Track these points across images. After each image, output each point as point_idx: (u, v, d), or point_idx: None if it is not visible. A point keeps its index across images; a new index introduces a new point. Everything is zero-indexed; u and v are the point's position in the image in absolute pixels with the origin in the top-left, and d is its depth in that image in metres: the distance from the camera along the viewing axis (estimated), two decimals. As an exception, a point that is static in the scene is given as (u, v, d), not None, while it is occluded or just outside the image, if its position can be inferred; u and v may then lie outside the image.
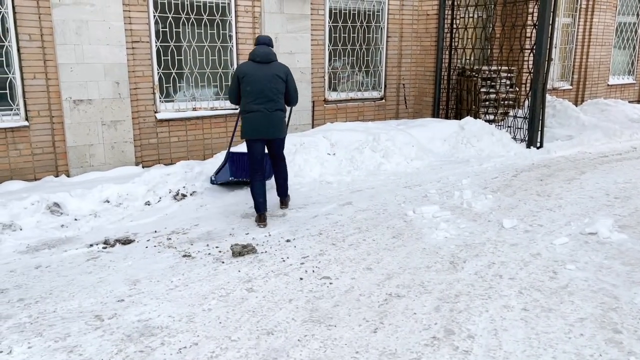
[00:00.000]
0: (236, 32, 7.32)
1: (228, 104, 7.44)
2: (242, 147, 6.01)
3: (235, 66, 7.37)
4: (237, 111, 7.23)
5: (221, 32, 7.27)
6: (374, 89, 9.17)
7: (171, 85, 7.09)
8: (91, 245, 4.45)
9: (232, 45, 7.35)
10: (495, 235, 4.68)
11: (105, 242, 4.49)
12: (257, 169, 5.03)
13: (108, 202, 5.29)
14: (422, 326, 3.17)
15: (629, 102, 11.72)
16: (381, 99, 9.19)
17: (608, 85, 12.10)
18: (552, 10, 7.73)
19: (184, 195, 5.63)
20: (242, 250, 4.19)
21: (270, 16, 7.37)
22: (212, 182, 5.81)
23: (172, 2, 6.86)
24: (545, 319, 3.24)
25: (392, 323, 3.20)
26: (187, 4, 6.97)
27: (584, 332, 3.10)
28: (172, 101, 7.13)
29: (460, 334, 3.08)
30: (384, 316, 3.28)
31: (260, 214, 4.97)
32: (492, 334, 3.07)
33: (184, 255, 4.23)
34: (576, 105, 10.89)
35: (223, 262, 4.09)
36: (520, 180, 6.51)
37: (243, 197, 5.73)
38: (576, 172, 6.95)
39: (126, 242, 4.51)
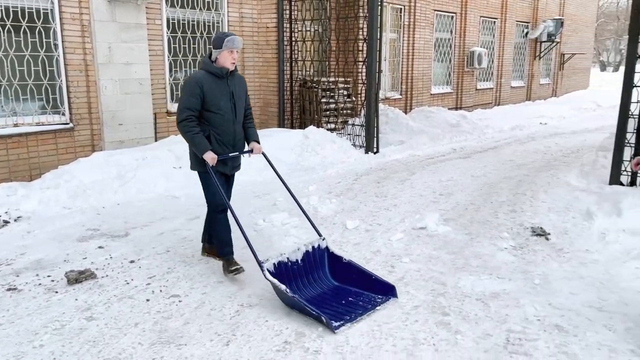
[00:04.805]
0: (63, 41, 6.73)
1: (57, 118, 6.83)
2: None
3: (63, 76, 6.78)
4: (68, 126, 6.73)
5: (44, 40, 6.63)
6: (218, 100, 9.08)
7: (-15, 98, 6.28)
8: None
9: (59, 55, 6.74)
10: (340, 236, 4.94)
11: None
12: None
13: None
14: (274, 332, 3.22)
15: (449, 109, 13.22)
16: (226, 110, 9.14)
17: (431, 94, 13.52)
18: (378, 26, 8.44)
19: (6, 222, 5.01)
20: (78, 277, 3.85)
21: (102, 24, 6.92)
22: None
23: (-18, 5, 6.09)
24: (385, 310, 3.51)
25: (245, 333, 3.20)
26: (2, 9, 6.23)
27: (418, 318, 3.41)
28: (-12, 117, 6.31)
29: (310, 335, 3.19)
30: (236, 328, 3.27)
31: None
32: (340, 332, 3.23)
33: (9, 289, 3.76)
34: (406, 113, 11.98)
35: (57, 292, 3.72)
36: (360, 184, 6.96)
37: (78, 219, 5.28)
38: (408, 173, 7.65)
39: None
